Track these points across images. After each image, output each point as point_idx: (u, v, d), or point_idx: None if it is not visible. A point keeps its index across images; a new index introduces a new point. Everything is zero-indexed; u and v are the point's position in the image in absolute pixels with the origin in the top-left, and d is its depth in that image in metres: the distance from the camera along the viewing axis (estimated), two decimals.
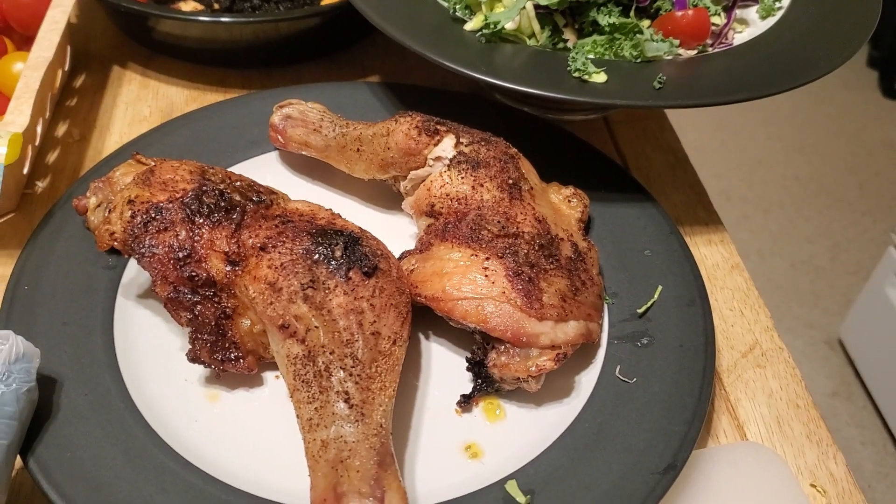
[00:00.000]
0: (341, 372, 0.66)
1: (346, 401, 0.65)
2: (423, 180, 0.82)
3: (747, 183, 3.04)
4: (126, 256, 0.75)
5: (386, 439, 0.64)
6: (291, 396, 0.67)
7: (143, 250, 0.71)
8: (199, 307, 0.71)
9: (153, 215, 0.72)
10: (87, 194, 0.79)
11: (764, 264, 2.73)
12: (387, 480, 0.62)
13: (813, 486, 0.74)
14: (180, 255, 0.71)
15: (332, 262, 0.69)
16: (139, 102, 1.09)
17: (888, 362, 2.19)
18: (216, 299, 0.72)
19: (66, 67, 1.08)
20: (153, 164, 0.79)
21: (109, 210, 0.75)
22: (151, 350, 0.76)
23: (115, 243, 0.74)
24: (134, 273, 0.81)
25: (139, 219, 0.72)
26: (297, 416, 0.66)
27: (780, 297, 2.63)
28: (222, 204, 0.73)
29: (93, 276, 0.80)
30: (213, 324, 0.71)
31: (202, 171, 0.77)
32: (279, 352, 0.69)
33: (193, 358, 0.72)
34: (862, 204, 2.96)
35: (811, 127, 3.29)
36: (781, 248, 2.80)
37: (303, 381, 0.66)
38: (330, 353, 0.66)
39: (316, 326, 0.67)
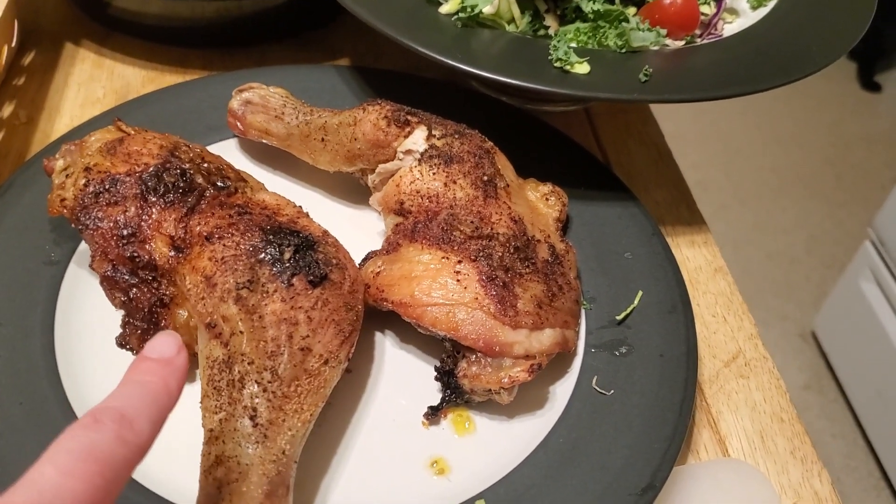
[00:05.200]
0: (255, 386, 0.60)
1: (251, 418, 0.59)
2: (393, 175, 0.77)
3: (725, 173, 3.01)
4: (73, 226, 0.70)
5: (285, 468, 0.59)
6: (201, 402, 0.61)
7: (88, 222, 0.68)
8: (134, 290, 0.67)
9: (107, 186, 0.68)
10: (57, 156, 0.74)
11: (739, 255, 2.71)
12: None
13: None
14: (125, 232, 0.67)
15: (277, 265, 0.63)
16: (92, 83, 1.02)
17: (860, 356, 2.19)
18: (155, 285, 0.67)
19: (14, 43, 1.01)
20: (132, 133, 0.74)
21: (67, 175, 0.71)
22: (95, 355, 0.70)
23: (65, 211, 0.70)
24: (78, 270, 0.75)
25: (92, 188, 0.69)
26: (202, 425, 0.60)
27: (754, 288, 2.61)
28: (181, 185, 0.68)
29: (33, 272, 0.74)
30: (146, 310, 0.67)
31: (174, 146, 0.72)
32: (202, 351, 0.64)
33: (122, 343, 0.68)
34: (839, 196, 2.96)
35: (790, 118, 3.27)
36: (757, 238, 2.78)
37: (214, 388, 0.60)
38: (249, 363, 0.60)
39: (241, 332, 0.61)
